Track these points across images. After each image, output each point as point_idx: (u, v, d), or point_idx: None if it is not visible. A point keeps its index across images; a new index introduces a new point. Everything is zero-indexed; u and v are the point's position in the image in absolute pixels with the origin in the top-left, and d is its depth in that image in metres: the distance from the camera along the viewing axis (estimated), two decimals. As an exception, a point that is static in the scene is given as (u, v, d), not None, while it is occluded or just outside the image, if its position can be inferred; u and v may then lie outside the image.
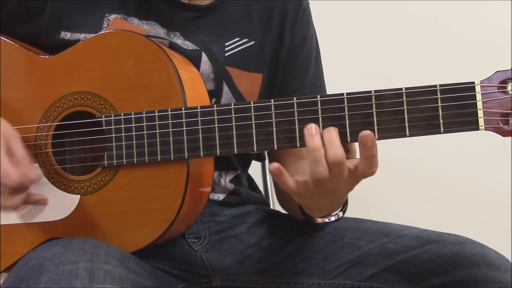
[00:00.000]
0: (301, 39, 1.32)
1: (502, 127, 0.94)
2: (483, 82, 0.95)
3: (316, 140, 0.97)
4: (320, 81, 1.36)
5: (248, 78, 1.27)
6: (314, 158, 0.96)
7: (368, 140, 0.95)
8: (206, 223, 1.27)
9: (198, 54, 1.23)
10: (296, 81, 1.31)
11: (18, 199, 1.10)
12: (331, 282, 1.20)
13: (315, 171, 0.96)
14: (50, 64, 1.18)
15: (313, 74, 1.34)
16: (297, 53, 1.31)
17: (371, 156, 0.96)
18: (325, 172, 0.96)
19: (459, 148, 1.78)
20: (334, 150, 0.96)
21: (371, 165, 0.97)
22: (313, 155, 0.97)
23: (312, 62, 1.34)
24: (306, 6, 1.35)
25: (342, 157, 0.96)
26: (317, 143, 0.97)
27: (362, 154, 0.96)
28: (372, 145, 0.95)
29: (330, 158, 0.96)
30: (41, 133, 1.16)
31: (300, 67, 1.32)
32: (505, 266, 1.07)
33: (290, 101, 1.02)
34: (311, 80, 1.33)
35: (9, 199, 1.09)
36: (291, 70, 1.31)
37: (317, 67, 1.36)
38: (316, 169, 0.96)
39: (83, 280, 0.94)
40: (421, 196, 1.88)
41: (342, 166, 0.96)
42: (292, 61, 1.31)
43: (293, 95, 1.03)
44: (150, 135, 1.08)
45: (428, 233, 1.17)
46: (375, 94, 0.99)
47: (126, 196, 1.11)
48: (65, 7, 1.22)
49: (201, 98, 1.15)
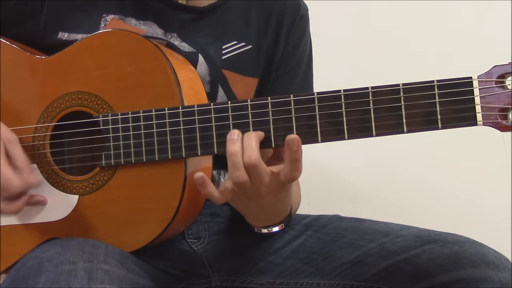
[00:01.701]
0: (294, 45, 1.32)
1: (500, 122, 0.94)
2: (480, 77, 0.95)
3: (236, 145, 1.00)
4: (309, 88, 1.36)
5: (243, 82, 1.27)
6: (232, 163, 0.99)
7: (294, 143, 0.97)
8: (206, 223, 1.27)
9: (194, 57, 1.23)
10: (282, 87, 1.32)
11: (19, 204, 1.10)
12: (331, 282, 1.20)
13: (233, 175, 0.99)
14: (47, 65, 1.18)
15: (300, 82, 1.34)
16: (288, 59, 1.32)
17: (295, 160, 0.98)
18: (242, 176, 0.99)
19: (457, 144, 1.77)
20: (249, 153, 0.98)
21: (295, 169, 0.99)
22: (230, 159, 0.99)
23: (301, 69, 1.34)
24: (304, 13, 1.35)
25: (256, 160, 0.98)
26: (235, 148, 0.99)
27: (287, 157, 0.98)
28: (297, 149, 0.97)
29: (245, 161, 0.98)
30: (39, 134, 1.16)
31: (289, 73, 1.33)
32: (504, 266, 1.07)
33: (287, 98, 1.02)
34: (298, 87, 1.33)
35: (10, 204, 1.10)
36: (280, 76, 1.32)
37: (306, 75, 1.36)
38: (234, 173, 0.99)
39: (81, 280, 0.94)
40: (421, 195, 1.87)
41: (258, 169, 0.99)
42: (282, 67, 1.32)
43: None
44: (148, 135, 1.08)
45: (427, 232, 1.17)
46: (372, 91, 0.98)
47: (125, 195, 1.11)
48: (62, 8, 1.23)
49: (199, 97, 1.15)
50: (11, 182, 1.07)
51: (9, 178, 1.07)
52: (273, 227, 1.16)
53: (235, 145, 1.00)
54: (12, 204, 1.10)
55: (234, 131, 1.01)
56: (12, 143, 1.10)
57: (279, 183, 1.01)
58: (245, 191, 1.01)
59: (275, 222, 1.15)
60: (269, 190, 1.02)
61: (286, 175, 0.99)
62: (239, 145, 1.00)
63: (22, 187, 1.08)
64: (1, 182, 1.07)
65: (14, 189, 1.07)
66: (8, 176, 1.07)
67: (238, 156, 0.99)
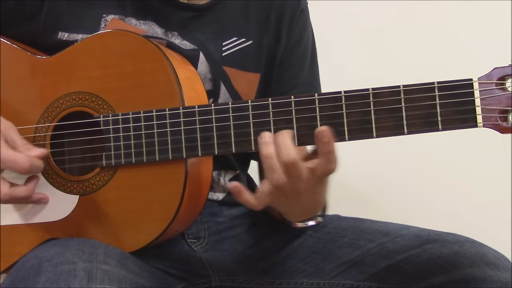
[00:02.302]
0: (297, 39, 1.32)
1: (500, 124, 0.94)
2: (481, 79, 0.95)
3: (270, 147, 0.97)
4: (316, 82, 1.36)
5: (245, 78, 1.27)
6: (268, 166, 0.97)
7: (324, 135, 0.95)
8: (206, 223, 1.27)
9: (196, 54, 1.23)
10: (290, 81, 1.31)
11: (31, 185, 1.10)
12: (331, 282, 1.20)
13: (271, 178, 0.97)
14: (48, 65, 1.18)
15: (307, 75, 1.34)
16: (292, 53, 1.32)
17: (328, 152, 0.95)
18: (281, 177, 0.96)
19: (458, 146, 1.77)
20: (286, 152, 0.96)
21: (329, 162, 0.96)
22: (266, 162, 0.97)
23: (307, 62, 1.34)
24: (304, 7, 1.35)
25: (295, 157, 0.96)
26: (270, 151, 0.97)
27: (319, 150, 0.96)
28: (328, 140, 0.95)
29: (283, 160, 0.96)
30: (39, 134, 1.16)
31: (294, 67, 1.32)
32: (504, 266, 1.07)
33: (288, 99, 1.02)
34: (305, 80, 1.33)
35: (21, 187, 1.09)
36: (285, 70, 1.31)
37: (312, 68, 1.36)
38: (272, 176, 0.97)
39: (81, 281, 0.94)
40: (421, 195, 1.87)
41: (296, 166, 0.96)
42: (287, 61, 1.31)
43: (286, 94, 1.03)
44: (148, 135, 1.08)
45: (427, 232, 1.17)
46: (373, 92, 0.98)
47: (125, 196, 1.11)
48: (62, 8, 1.22)
49: (199, 97, 1.15)
50: (16, 159, 1.05)
51: (13, 156, 1.05)
52: (309, 221, 1.14)
53: (269, 147, 0.97)
54: (23, 186, 1.09)
55: (265, 133, 0.99)
56: (9, 130, 1.09)
57: (316, 178, 0.98)
58: (284, 191, 0.98)
59: (311, 216, 1.13)
60: (308, 187, 0.99)
61: (321, 169, 0.96)
62: (273, 147, 0.97)
63: (29, 162, 1.06)
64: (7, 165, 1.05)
65: (21, 165, 1.05)
66: (10, 155, 1.06)
67: (274, 159, 0.97)
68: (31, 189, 1.10)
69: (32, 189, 1.11)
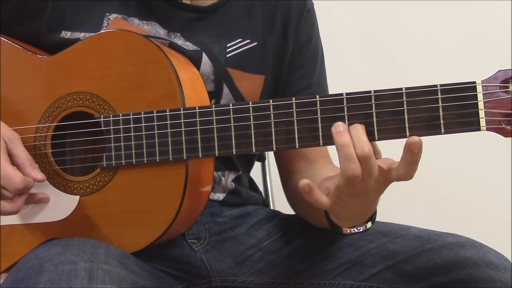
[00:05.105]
0: (306, 39, 1.31)
1: (504, 127, 0.93)
2: (484, 82, 0.94)
3: (346, 137, 0.95)
4: (325, 83, 1.35)
5: (249, 80, 1.26)
6: (345, 155, 0.94)
7: (416, 147, 0.93)
8: (207, 223, 1.26)
9: (198, 55, 1.23)
10: (302, 81, 1.30)
11: (19, 203, 1.08)
12: (331, 282, 1.20)
13: (347, 168, 0.94)
14: (49, 65, 1.18)
15: (319, 76, 1.33)
16: (302, 53, 1.30)
17: (414, 162, 0.94)
18: (357, 168, 0.94)
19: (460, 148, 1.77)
20: (361, 145, 0.94)
21: (412, 170, 0.95)
22: (343, 152, 0.94)
23: (318, 63, 1.33)
24: (310, 7, 1.34)
25: (370, 151, 0.94)
26: (346, 140, 0.95)
27: (406, 159, 0.94)
28: (418, 152, 0.93)
29: (357, 153, 0.94)
30: (40, 134, 1.16)
31: (306, 67, 1.31)
32: (504, 266, 1.07)
33: (289, 101, 1.02)
34: (318, 81, 1.32)
35: (10, 203, 1.08)
36: (295, 70, 1.30)
37: (322, 69, 1.35)
38: (348, 166, 0.94)
39: (82, 280, 0.94)
40: (421, 196, 1.88)
41: (371, 161, 0.94)
42: (297, 61, 1.30)
43: (299, 95, 1.02)
44: (149, 136, 1.08)
45: (427, 232, 1.17)
46: (375, 94, 0.98)
47: (125, 196, 1.11)
48: (66, 7, 1.22)
49: (201, 98, 1.14)
50: (12, 178, 1.05)
51: (10, 174, 1.05)
52: (359, 226, 1.08)
53: (345, 136, 0.95)
54: (12, 203, 1.08)
55: (339, 123, 0.96)
56: (13, 141, 1.09)
57: (386, 180, 0.97)
58: (353, 188, 0.96)
59: (364, 220, 1.08)
60: (375, 187, 0.97)
61: (400, 175, 0.95)
62: (348, 136, 0.95)
63: (24, 183, 1.06)
64: (1, 180, 1.05)
65: (15, 185, 1.05)
66: (9, 172, 1.05)
67: (351, 148, 0.94)
68: (18, 207, 1.08)
69: (20, 207, 1.09)
